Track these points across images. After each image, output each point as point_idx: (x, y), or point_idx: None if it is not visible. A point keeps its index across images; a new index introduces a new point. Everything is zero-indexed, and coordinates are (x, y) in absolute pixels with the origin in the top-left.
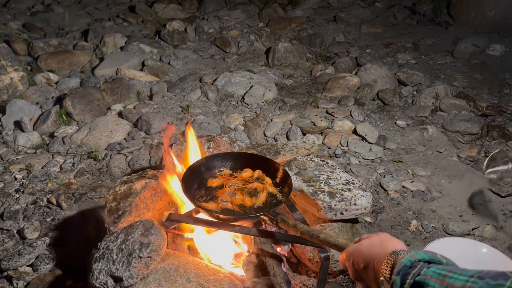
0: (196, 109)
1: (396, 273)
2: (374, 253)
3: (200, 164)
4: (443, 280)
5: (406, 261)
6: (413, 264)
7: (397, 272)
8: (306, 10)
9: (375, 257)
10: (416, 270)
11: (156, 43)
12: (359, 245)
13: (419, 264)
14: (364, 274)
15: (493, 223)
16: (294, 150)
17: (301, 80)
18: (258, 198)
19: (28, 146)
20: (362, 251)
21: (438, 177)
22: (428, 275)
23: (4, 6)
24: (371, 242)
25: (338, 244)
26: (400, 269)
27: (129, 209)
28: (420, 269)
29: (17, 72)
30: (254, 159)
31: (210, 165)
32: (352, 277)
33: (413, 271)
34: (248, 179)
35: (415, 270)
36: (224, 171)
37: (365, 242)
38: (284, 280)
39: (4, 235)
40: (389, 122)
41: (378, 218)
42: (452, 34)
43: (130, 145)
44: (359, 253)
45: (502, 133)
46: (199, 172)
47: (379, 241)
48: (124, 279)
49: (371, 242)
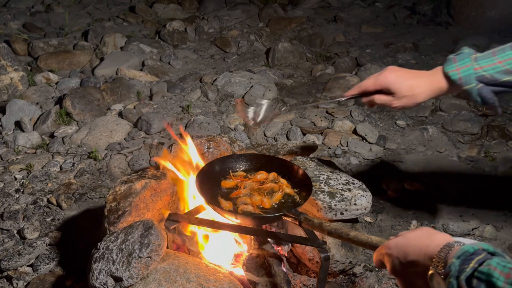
0: (196, 109)
1: (455, 256)
2: (423, 245)
3: (214, 166)
4: (509, 273)
5: (469, 247)
6: (476, 251)
7: (456, 256)
8: (306, 10)
9: (425, 249)
10: (481, 257)
11: (156, 43)
12: (403, 238)
13: (483, 252)
14: (410, 268)
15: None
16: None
17: (301, 80)
18: (273, 197)
19: (28, 146)
20: (408, 243)
21: (438, 177)
22: (492, 266)
23: (4, 6)
24: (417, 234)
25: (371, 242)
26: (461, 253)
27: (129, 209)
28: (485, 257)
29: (17, 72)
30: (270, 160)
31: (224, 166)
32: (392, 272)
33: (477, 257)
34: (263, 181)
35: (480, 257)
36: (238, 172)
37: (410, 234)
38: (284, 280)
39: (4, 235)
40: (389, 122)
41: (378, 218)
42: (452, 34)
43: (130, 145)
44: (404, 245)
45: (502, 133)
46: (212, 174)
47: (427, 233)
48: (124, 279)
49: (418, 235)
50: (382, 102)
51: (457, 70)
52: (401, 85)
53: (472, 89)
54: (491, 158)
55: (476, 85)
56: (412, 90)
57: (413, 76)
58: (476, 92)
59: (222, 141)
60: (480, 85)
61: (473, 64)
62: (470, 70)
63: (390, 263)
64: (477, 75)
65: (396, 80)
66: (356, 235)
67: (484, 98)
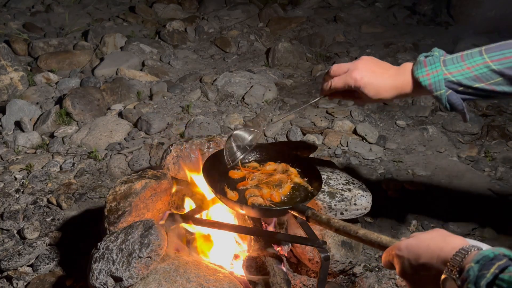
0: (196, 109)
1: (474, 260)
2: (437, 248)
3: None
4: None
5: (489, 252)
6: (496, 256)
7: (475, 260)
8: (306, 10)
9: (438, 252)
10: (502, 262)
11: (156, 43)
12: (415, 239)
13: (504, 258)
14: (422, 271)
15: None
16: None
17: (301, 80)
18: (282, 188)
19: (28, 146)
20: (420, 245)
21: (438, 177)
22: None
23: (4, 6)
24: (430, 236)
25: (381, 242)
26: (480, 258)
27: (129, 209)
28: (506, 263)
29: (17, 72)
30: (280, 151)
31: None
32: (402, 275)
33: (498, 262)
34: (271, 172)
35: (501, 262)
36: (251, 163)
37: (422, 236)
38: (284, 280)
39: (4, 235)
40: (389, 122)
41: (378, 218)
42: (452, 34)
43: (130, 145)
44: (416, 246)
45: (502, 133)
46: (221, 163)
47: (441, 235)
48: (124, 279)
49: (431, 236)
50: (347, 99)
51: (427, 76)
52: (368, 90)
53: (442, 95)
54: (491, 158)
55: (446, 92)
56: (378, 94)
57: (380, 74)
58: (445, 99)
59: (222, 141)
60: (449, 92)
61: (442, 69)
62: (440, 76)
63: (400, 265)
64: (446, 80)
65: (364, 84)
66: (365, 233)
67: (453, 105)
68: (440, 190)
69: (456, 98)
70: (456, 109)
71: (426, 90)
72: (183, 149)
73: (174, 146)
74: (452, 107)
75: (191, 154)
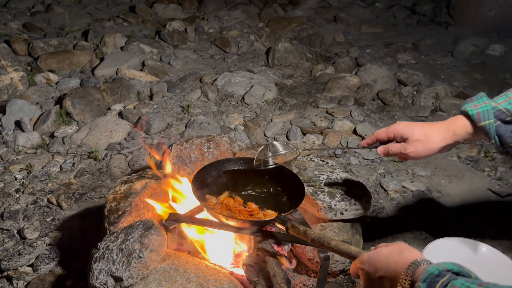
0: (196, 109)
1: (421, 280)
2: (393, 261)
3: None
4: None
5: (434, 269)
6: (441, 273)
7: (422, 279)
8: (306, 10)
9: (394, 266)
10: (445, 279)
11: (156, 43)
12: (376, 252)
13: (447, 273)
14: (379, 284)
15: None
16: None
17: (301, 80)
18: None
19: (28, 146)
20: (379, 258)
21: (438, 177)
22: (456, 287)
23: (4, 6)
24: (389, 250)
25: (350, 253)
26: (426, 276)
27: (129, 209)
28: (449, 279)
29: (17, 72)
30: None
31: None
32: (364, 287)
33: (441, 279)
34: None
35: (444, 279)
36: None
37: (382, 250)
38: (284, 280)
39: (4, 235)
40: (389, 122)
41: (378, 218)
42: (452, 34)
43: (130, 145)
44: (375, 260)
45: None
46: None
47: (398, 249)
48: (124, 279)
49: (389, 250)
50: (396, 149)
51: (474, 107)
52: (413, 129)
53: (490, 126)
54: (490, 158)
55: (494, 122)
56: (425, 134)
57: (425, 124)
58: (494, 130)
59: (222, 141)
60: (498, 123)
61: (490, 101)
62: (488, 106)
63: (362, 277)
64: (494, 110)
65: (407, 126)
66: (336, 244)
67: (501, 137)
68: (440, 190)
69: (505, 130)
70: (505, 142)
71: (474, 121)
72: (183, 149)
73: (174, 146)
74: (501, 140)
75: (191, 154)
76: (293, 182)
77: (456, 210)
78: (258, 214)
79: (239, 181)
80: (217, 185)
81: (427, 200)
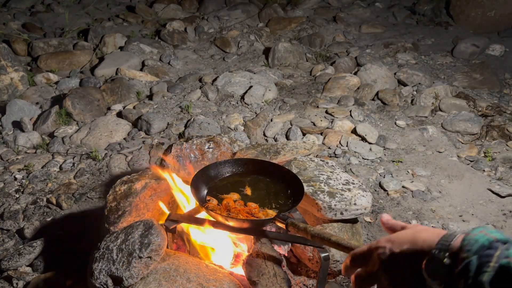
0: (196, 109)
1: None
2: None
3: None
4: None
5: (484, 239)
6: (492, 244)
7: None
8: (306, 10)
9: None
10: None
11: (156, 43)
12: (395, 234)
13: (498, 244)
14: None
15: (493, 223)
16: (294, 150)
17: (301, 80)
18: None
19: (28, 146)
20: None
21: (438, 177)
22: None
23: (4, 6)
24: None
25: (350, 247)
26: (476, 248)
27: (129, 209)
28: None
29: (17, 72)
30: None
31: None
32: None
33: (495, 253)
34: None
35: (498, 252)
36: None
37: (402, 231)
38: (284, 280)
39: (4, 235)
40: (389, 122)
41: (378, 218)
42: (452, 34)
43: (130, 145)
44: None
45: (502, 133)
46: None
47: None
48: (124, 279)
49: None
50: None
51: None
52: None
53: None
54: (490, 158)
55: None
56: None
57: None
58: None
59: (222, 141)
60: None
61: None
62: None
63: (377, 257)
64: None
65: None
66: (337, 239)
67: None
68: (440, 190)
69: None
70: None
71: None
72: (183, 149)
73: (174, 146)
74: None
75: (191, 154)
76: (292, 182)
77: (456, 210)
78: (258, 213)
79: (239, 182)
80: (217, 186)
81: (427, 200)
